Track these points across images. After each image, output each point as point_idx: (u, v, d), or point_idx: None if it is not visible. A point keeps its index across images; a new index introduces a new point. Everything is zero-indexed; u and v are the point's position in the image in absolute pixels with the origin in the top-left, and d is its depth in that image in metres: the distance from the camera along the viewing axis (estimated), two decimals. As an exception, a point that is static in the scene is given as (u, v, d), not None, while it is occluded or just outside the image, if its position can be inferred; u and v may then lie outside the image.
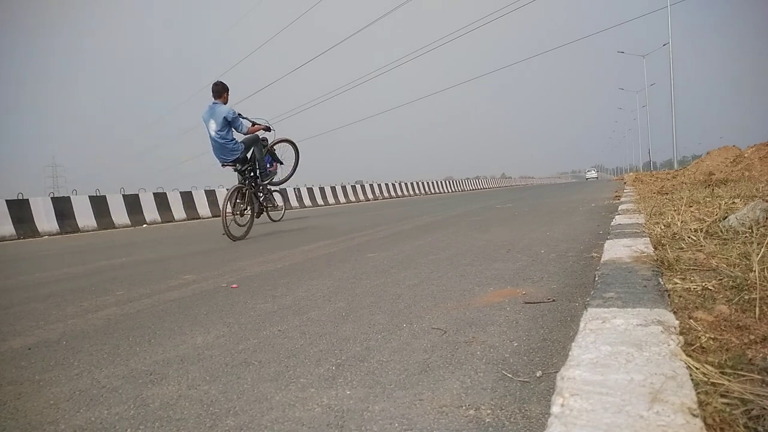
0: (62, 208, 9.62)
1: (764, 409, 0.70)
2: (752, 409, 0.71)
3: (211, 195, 13.00)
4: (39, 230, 9.05)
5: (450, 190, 28.40)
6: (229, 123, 4.82)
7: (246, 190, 5.06)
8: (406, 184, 23.63)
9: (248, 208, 5.10)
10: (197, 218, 12.12)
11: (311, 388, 1.11)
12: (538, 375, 1.08)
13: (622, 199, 6.13)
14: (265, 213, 5.75)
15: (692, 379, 0.79)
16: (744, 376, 0.80)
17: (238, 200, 5.01)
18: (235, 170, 5.09)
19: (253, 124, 5.08)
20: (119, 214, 10.63)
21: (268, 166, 5.54)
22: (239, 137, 5.01)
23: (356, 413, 0.97)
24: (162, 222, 11.25)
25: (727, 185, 5.45)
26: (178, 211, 11.93)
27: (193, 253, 4.17)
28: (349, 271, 2.59)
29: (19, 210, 8.94)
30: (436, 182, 27.42)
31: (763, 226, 2.10)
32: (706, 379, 0.79)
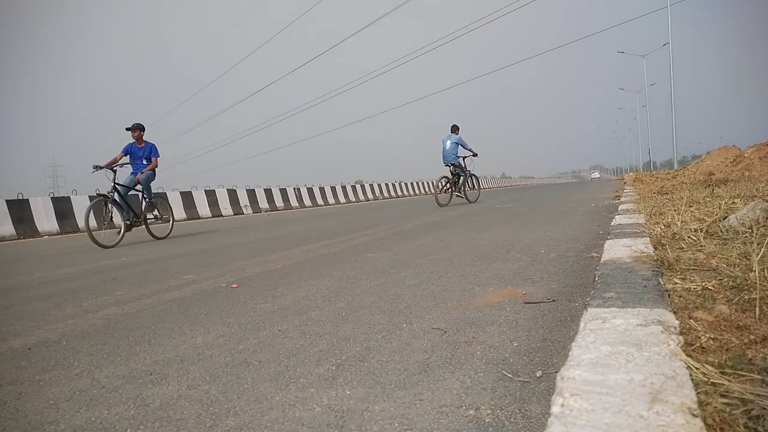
0: (62, 208, 9.62)
1: (764, 409, 0.70)
2: (752, 409, 0.71)
3: (211, 195, 13.00)
4: (39, 230, 9.05)
5: (450, 190, 28.34)
6: (457, 143, 9.17)
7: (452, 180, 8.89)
8: (406, 184, 23.62)
9: (451, 190, 9.03)
10: (197, 218, 12.11)
11: (311, 388, 1.11)
12: (538, 375, 1.08)
13: (622, 199, 6.13)
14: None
15: (692, 379, 0.79)
16: (744, 376, 0.80)
17: (447, 186, 8.95)
18: (451, 172, 9.18)
19: (471, 151, 9.30)
20: (119, 214, 10.62)
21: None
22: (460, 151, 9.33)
23: (356, 413, 0.97)
24: (162, 222, 11.25)
25: (727, 185, 5.45)
26: (178, 211, 11.93)
27: (193, 253, 4.18)
28: (349, 271, 2.59)
29: (19, 210, 8.94)
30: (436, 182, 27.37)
31: (763, 226, 2.10)
32: (706, 379, 0.79)
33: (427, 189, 25.57)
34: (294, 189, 16.20)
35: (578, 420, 0.71)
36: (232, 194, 13.66)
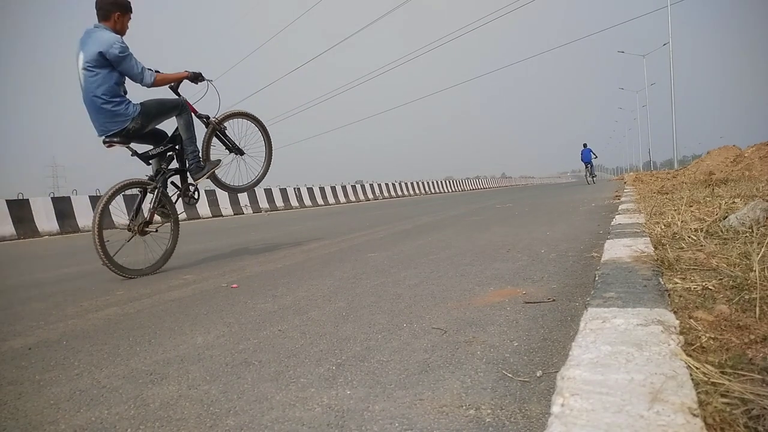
0: (62, 208, 9.62)
1: (764, 408, 0.70)
2: (752, 409, 0.71)
3: (211, 195, 13.00)
4: (39, 230, 9.05)
5: (450, 190, 28.40)
6: (112, 63, 2.79)
7: (157, 188, 3.15)
8: (406, 184, 23.62)
9: (160, 217, 3.30)
10: (197, 218, 12.12)
11: (311, 388, 1.11)
12: (538, 375, 1.08)
13: (622, 199, 6.13)
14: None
15: (692, 379, 0.79)
16: (744, 375, 0.80)
17: (135, 207, 3.21)
18: (134, 154, 3.12)
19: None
20: (119, 214, 10.63)
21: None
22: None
23: (356, 413, 0.97)
24: (162, 222, 11.26)
25: (728, 185, 5.45)
26: (178, 211, 11.93)
27: (193, 253, 4.17)
28: (350, 271, 2.59)
29: (20, 210, 8.94)
30: (436, 182, 27.43)
31: (764, 225, 2.10)
32: (706, 379, 0.79)
33: (427, 189, 25.58)
34: (294, 189, 16.20)
35: (578, 420, 0.71)
36: (232, 194, 13.66)
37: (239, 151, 3.67)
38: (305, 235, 5.02)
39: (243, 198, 13.94)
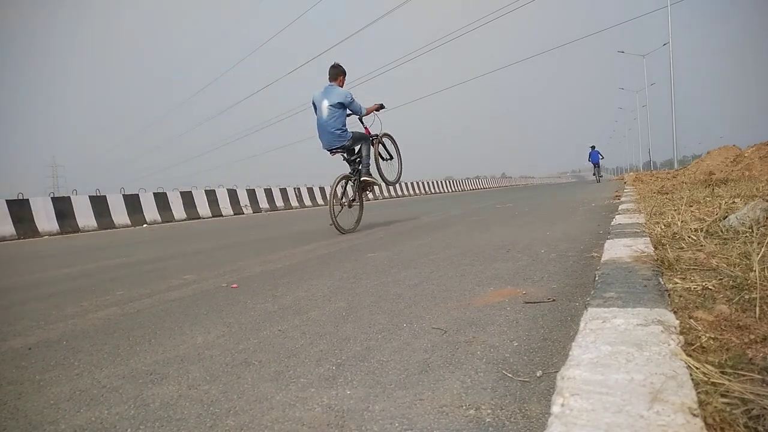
0: (62, 208, 9.63)
1: (765, 408, 0.70)
2: (752, 409, 0.71)
3: (211, 195, 13.01)
4: (39, 230, 9.05)
5: (450, 190, 28.41)
6: (345, 106, 4.66)
7: (354, 180, 4.95)
8: (406, 184, 23.63)
9: (356, 198, 5.14)
10: (197, 218, 12.12)
11: (311, 388, 1.11)
12: (538, 375, 1.08)
13: (622, 199, 6.13)
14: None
15: (692, 379, 0.79)
16: (744, 375, 0.80)
17: (345, 189, 4.97)
18: (345, 159, 4.95)
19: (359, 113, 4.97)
20: (119, 213, 10.64)
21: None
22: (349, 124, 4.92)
23: (356, 413, 0.97)
24: (162, 222, 11.26)
25: (728, 185, 5.45)
26: (179, 210, 11.94)
27: (193, 253, 4.18)
28: (350, 271, 2.59)
29: (20, 210, 8.95)
30: (436, 182, 27.44)
31: (764, 225, 2.10)
32: (706, 379, 0.79)
33: (427, 189, 25.59)
34: (294, 189, 16.20)
35: (578, 420, 0.71)
36: (232, 194, 13.67)
37: (390, 157, 5.44)
38: (305, 235, 5.02)
39: (243, 198, 13.95)
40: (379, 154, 5.13)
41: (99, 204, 10.32)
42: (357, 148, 4.97)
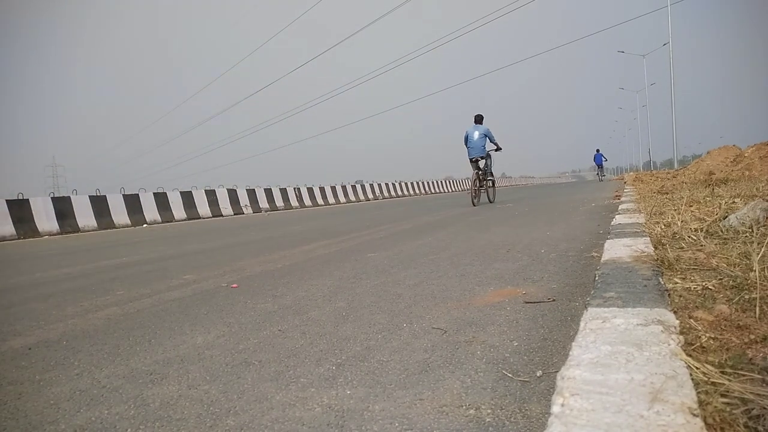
0: (62, 207, 9.63)
1: (764, 408, 0.70)
2: (752, 409, 0.71)
3: (211, 195, 13.01)
4: (39, 230, 9.06)
5: (450, 190, 28.41)
6: (486, 136, 8.54)
7: (481, 176, 8.61)
8: (406, 184, 23.63)
9: (482, 186, 8.74)
10: (197, 218, 12.12)
11: (311, 388, 1.11)
12: (538, 375, 1.08)
13: (622, 199, 6.13)
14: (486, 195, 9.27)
15: (692, 379, 0.79)
16: (744, 375, 0.80)
17: (479, 180, 8.61)
18: (477, 163, 8.55)
19: (495, 144, 8.74)
20: (119, 213, 10.65)
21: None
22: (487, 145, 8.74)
23: (356, 413, 0.97)
24: (162, 222, 11.26)
25: (728, 185, 5.45)
26: (179, 210, 11.94)
27: (193, 253, 4.18)
28: (350, 271, 2.59)
29: (20, 210, 8.95)
30: (436, 182, 27.44)
31: (764, 225, 2.10)
32: (706, 379, 0.79)
33: (427, 189, 25.58)
34: (294, 189, 16.20)
35: (578, 420, 0.71)
36: (232, 194, 13.67)
37: (491, 164, 9.12)
38: (305, 235, 5.02)
39: (243, 198, 13.95)
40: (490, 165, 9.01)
41: (99, 204, 10.33)
42: (484, 160, 8.66)
